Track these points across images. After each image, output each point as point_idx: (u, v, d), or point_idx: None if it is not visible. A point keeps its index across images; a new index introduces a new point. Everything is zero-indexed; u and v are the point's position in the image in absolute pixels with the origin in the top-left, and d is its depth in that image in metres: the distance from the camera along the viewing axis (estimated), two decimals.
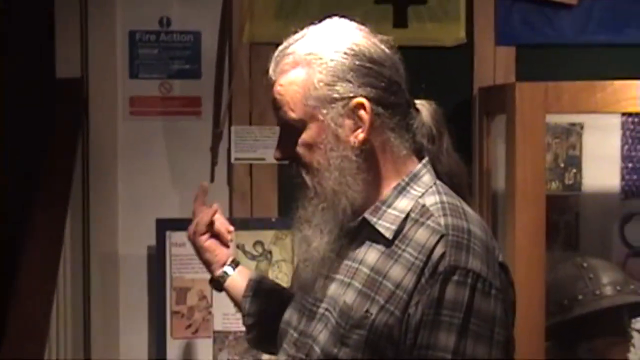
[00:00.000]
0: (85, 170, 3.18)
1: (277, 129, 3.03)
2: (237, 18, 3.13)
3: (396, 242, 1.62)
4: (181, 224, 3.04)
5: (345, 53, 1.63)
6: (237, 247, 3.08)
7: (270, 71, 1.69)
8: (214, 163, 3.16)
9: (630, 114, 3.22)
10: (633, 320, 2.90)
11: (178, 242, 3.07)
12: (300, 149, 1.66)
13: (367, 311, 1.58)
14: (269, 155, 3.12)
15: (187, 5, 3.19)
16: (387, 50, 1.68)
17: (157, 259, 3.09)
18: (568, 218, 3.27)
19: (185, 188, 3.19)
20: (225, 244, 2.02)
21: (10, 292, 2.75)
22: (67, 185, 2.99)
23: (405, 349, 1.56)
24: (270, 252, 3.11)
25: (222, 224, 2.01)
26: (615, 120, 3.26)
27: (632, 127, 3.28)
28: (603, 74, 3.01)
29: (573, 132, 3.26)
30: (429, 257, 1.56)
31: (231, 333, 3.09)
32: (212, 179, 3.18)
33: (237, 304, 2.05)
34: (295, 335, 1.72)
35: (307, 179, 1.66)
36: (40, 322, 2.64)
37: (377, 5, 3.15)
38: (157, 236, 3.07)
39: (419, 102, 1.75)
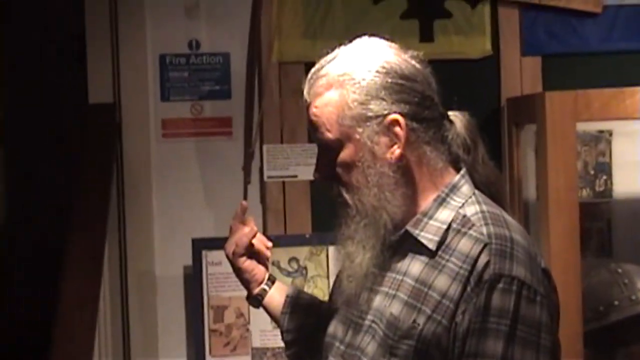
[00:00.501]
0: (120, 193, 3.23)
1: (308, 146, 3.15)
2: (265, 38, 3.17)
3: (439, 252, 1.64)
4: (217, 243, 3.09)
5: (377, 71, 1.66)
6: (273, 264, 3.11)
7: (305, 93, 1.71)
8: (246, 182, 3.20)
9: None
10: None
11: (214, 261, 3.10)
12: (339, 169, 1.68)
13: (414, 321, 1.61)
14: (301, 172, 3.18)
15: (215, 27, 3.24)
16: (418, 66, 1.70)
17: (193, 278, 3.12)
18: (600, 225, 3.28)
19: (219, 207, 3.24)
20: (263, 262, 2.03)
21: (53, 315, 2.80)
22: (105, 208, 3.03)
23: (453, 358, 1.58)
24: (305, 268, 3.14)
25: (260, 241, 2.03)
26: None
27: None
28: (628, 80, 3.04)
29: (602, 139, 3.28)
30: (473, 266, 1.59)
31: (269, 349, 3.12)
32: (245, 198, 3.21)
33: (275, 320, 2.05)
34: (342, 347, 1.74)
35: (348, 197, 1.68)
36: (84, 346, 2.67)
37: (403, 20, 3.19)
38: (194, 255, 3.11)
39: (451, 114, 1.77)
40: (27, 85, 4.70)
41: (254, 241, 1.99)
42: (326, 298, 2.02)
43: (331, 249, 3.08)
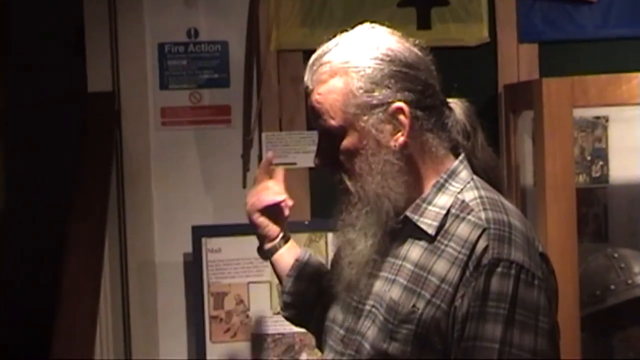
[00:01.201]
0: (119, 182, 3.24)
1: (307, 133, 3.17)
2: (263, 26, 3.19)
3: (438, 237, 1.66)
4: (216, 230, 3.14)
5: (382, 60, 1.67)
6: None
7: (306, 80, 1.73)
8: (245, 169, 3.21)
9: None
10: None
11: (214, 248, 3.12)
12: (342, 156, 1.70)
13: (414, 306, 1.63)
14: (300, 159, 3.19)
15: (213, 16, 3.25)
16: (420, 54, 1.72)
17: (193, 266, 3.14)
18: (596, 210, 3.30)
19: (218, 195, 3.25)
20: (282, 219, 2.02)
21: (54, 303, 2.81)
22: (105, 197, 3.04)
23: (453, 341, 1.60)
24: None
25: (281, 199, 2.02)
26: None
27: None
28: (624, 67, 3.06)
29: (598, 125, 3.30)
30: (472, 250, 1.61)
31: (269, 335, 3.14)
32: (244, 185, 3.23)
33: (279, 279, 2.07)
34: (342, 332, 1.76)
35: (350, 184, 1.70)
36: (85, 335, 2.69)
37: (400, 8, 3.20)
38: (194, 243, 3.12)
39: (451, 101, 1.79)
40: (26, 75, 4.70)
41: (275, 197, 2.00)
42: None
43: (330, 235, 3.10)
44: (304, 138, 3.19)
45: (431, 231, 1.67)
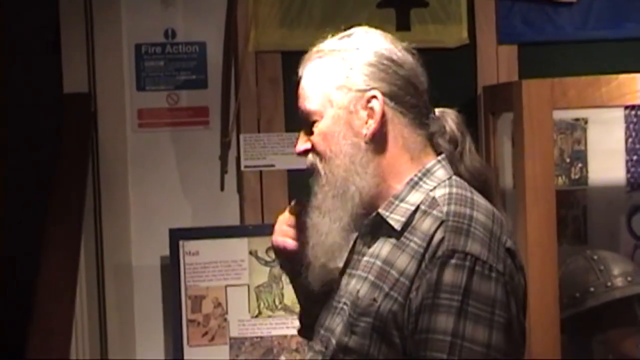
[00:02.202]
0: (96, 184, 3.21)
1: (285, 135, 3.16)
2: (241, 27, 3.17)
3: (405, 233, 1.67)
4: (194, 233, 3.12)
5: (366, 50, 1.72)
6: (250, 253, 3.12)
7: (299, 71, 1.78)
8: (223, 172, 3.19)
9: (633, 107, 3.26)
10: None
11: (191, 251, 3.10)
12: (315, 137, 1.73)
13: (374, 300, 1.64)
14: (278, 161, 3.17)
15: (191, 16, 3.23)
16: (408, 55, 1.75)
17: (171, 269, 3.11)
18: (576, 212, 3.30)
19: (196, 197, 3.23)
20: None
21: (30, 306, 2.78)
22: (81, 199, 3.02)
23: (408, 334, 1.59)
24: None
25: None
26: (619, 114, 3.30)
27: (635, 120, 3.31)
28: (603, 69, 3.07)
29: (578, 127, 3.30)
30: (429, 243, 1.61)
31: (247, 339, 3.12)
32: (222, 188, 3.21)
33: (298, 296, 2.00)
34: (322, 331, 1.77)
35: (320, 166, 1.73)
36: (62, 338, 2.66)
37: (379, 9, 3.19)
38: (171, 246, 3.10)
39: (439, 110, 1.80)
40: (1, 75, 4.66)
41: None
42: None
43: None
44: (282, 140, 3.18)
45: (397, 226, 1.67)
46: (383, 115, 1.69)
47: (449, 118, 1.80)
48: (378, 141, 1.70)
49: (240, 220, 3.21)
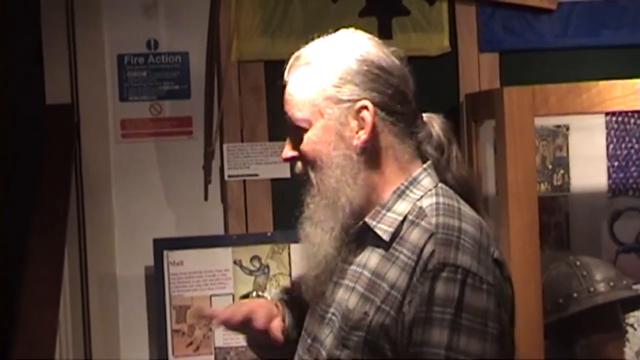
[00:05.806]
0: (79, 195, 3.20)
1: (269, 144, 3.16)
2: (223, 37, 3.17)
3: (394, 244, 1.67)
4: (178, 243, 3.12)
5: (355, 58, 1.70)
6: (235, 262, 3.12)
7: (285, 75, 1.77)
8: (207, 181, 3.19)
9: (614, 113, 3.28)
10: (627, 316, 2.95)
11: (176, 261, 3.10)
12: (305, 147, 1.72)
13: (365, 313, 1.64)
14: (262, 170, 3.18)
15: (173, 26, 3.22)
16: (396, 61, 1.74)
17: (155, 279, 3.11)
18: (558, 218, 3.32)
19: (180, 207, 3.23)
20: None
21: (13, 317, 2.77)
22: (64, 209, 3.01)
23: (402, 348, 1.60)
24: (267, 267, 3.15)
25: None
26: (600, 120, 3.32)
27: (616, 126, 3.34)
28: (584, 76, 3.09)
29: (559, 134, 3.32)
30: (419, 256, 1.61)
31: (232, 349, 3.11)
32: (205, 197, 3.21)
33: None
34: (309, 341, 1.77)
35: (312, 175, 1.72)
36: (46, 348, 2.65)
37: (361, 18, 3.20)
38: (155, 256, 3.09)
39: (426, 115, 1.80)
40: None
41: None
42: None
43: (293, 246, 3.09)
44: (266, 149, 3.18)
45: (386, 237, 1.67)
46: (374, 125, 1.68)
47: (435, 124, 1.80)
48: (369, 152, 1.70)
49: (224, 230, 3.21)
